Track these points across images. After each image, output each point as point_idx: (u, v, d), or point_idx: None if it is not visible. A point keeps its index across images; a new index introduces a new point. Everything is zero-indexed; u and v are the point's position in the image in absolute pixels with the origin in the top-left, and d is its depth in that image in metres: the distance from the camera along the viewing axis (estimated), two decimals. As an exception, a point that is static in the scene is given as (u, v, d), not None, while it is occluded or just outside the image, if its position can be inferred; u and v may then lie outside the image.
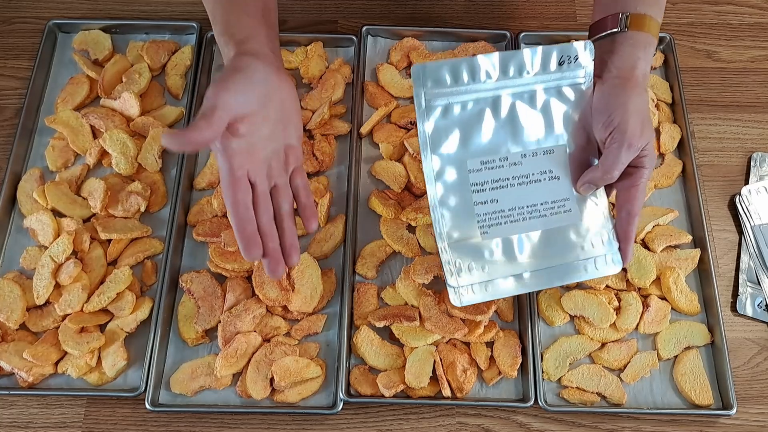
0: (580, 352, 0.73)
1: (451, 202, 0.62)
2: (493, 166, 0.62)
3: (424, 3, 0.94)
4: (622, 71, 0.62)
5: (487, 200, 0.62)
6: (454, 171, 0.62)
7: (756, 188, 0.81)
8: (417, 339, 0.71)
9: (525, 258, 0.62)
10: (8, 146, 0.81)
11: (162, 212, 0.79)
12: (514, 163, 0.62)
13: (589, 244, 0.63)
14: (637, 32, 0.63)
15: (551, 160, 0.63)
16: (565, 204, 0.62)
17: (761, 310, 0.76)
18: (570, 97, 0.63)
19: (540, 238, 0.62)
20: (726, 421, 0.71)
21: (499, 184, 0.62)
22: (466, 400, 0.70)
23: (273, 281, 0.72)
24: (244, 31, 0.62)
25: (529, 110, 0.62)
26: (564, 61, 0.62)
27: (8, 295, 0.72)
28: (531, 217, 0.62)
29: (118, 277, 0.73)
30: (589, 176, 0.62)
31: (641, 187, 0.62)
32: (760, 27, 0.93)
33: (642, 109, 0.60)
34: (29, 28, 0.91)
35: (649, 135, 0.61)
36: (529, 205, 0.62)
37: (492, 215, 0.62)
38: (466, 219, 0.62)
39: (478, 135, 0.62)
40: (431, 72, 0.60)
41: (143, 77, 0.84)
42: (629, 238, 0.63)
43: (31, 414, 0.70)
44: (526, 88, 0.62)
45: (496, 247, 0.62)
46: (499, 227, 0.62)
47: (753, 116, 0.87)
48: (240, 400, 0.71)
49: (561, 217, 0.63)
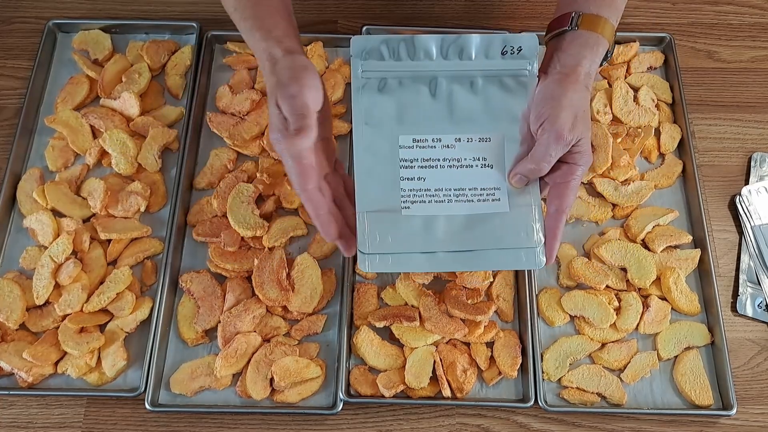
0: (580, 353, 0.73)
1: (376, 173, 0.61)
2: (425, 145, 0.62)
3: (424, 3, 0.94)
4: (565, 68, 0.62)
5: (414, 177, 0.62)
6: (384, 144, 0.62)
7: (756, 188, 0.81)
8: (417, 339, 0.71)
9: (442, 238, 0.61)
10: (8, 146, 0.81)
11: (162, 212, 0.79)
12: (447, 146, 0.62)
13: (514, 236, 0.61)
14: (586, 32, 0.63)
15: (486, 148, 0.62)
16: (495, 193, 0.62)
17: (761, 311, 0.76)
18: (512, 87, 0.62)
19: (462, 222, 0.61)
20: (726, 422, 0.71)
21: (429, 163, 0.62)
22: (466, 400, 0.70)
23: (273, 282, 0.72)
24: (280, 29, 0.62)
25: (467, 95, 0.62)
26: (507, 51, 0.62)
27: (8, 295, 0.72)
28: (457, 200, 0.61)
29: (117, 277, 0.73)
30: (519, 167, 0.61)
31: (572, 184, 0.61)
32: (760, 27, 0.93)
33: (577, 104, 0.60)
34: (29, 28, 0.91)
35: (582, 131, 0.60)
36: (457, 188, 0.62)
37: (417, 192, 0.61)
38: (390, 192, 0.61)
39: (413, 113, 0.62)
40: (369, 45, 0.61)
41: (143, 77, 0.84)
42: (556, 236, 0.61)
43: (31, 414, 0.70)
44: (466, 73, 0.62)
45: (414, 223, 0.61)
46: (422, 204, 0.61)
47: (753, 116, 0.87)
48: (240, 401, 0.71)
49: (488, 205, 0.61)
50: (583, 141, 0.60)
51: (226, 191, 0.77)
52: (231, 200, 0.76)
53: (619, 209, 0.79)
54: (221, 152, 0.82)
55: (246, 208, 0.76)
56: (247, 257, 0.75)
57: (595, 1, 0.64)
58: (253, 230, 0.75)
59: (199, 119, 0.84)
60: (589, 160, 0.61)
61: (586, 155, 0.61)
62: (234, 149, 0.82)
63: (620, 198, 0.79)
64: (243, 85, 0.85)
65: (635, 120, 0.83)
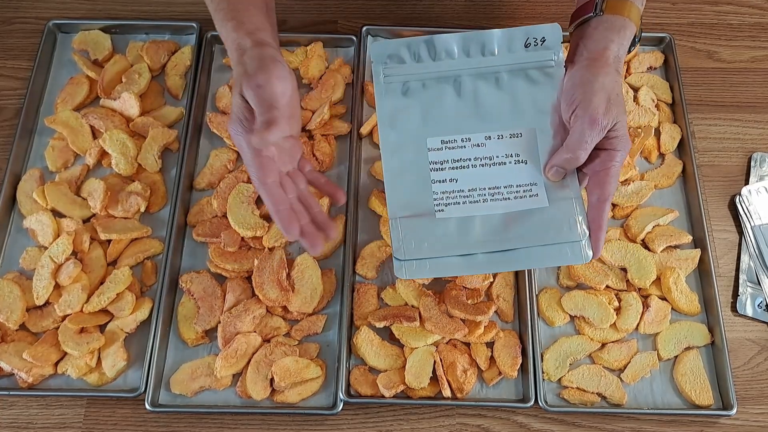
0: (581, 353, 0.73)
1: (407, 177, 0.61)
2: (455, 146, 0.61)
3: (424, 3, 0.94)
4: (592, 53, 0.60)
5: (446, 179, 0.60)
6: (412, 148, 0.61)
7: (756, 188, 0.81)
8: (417, 339, 0.71)
9: (480, 239, 0.59)
10: (8, 146, 0.81)
11: (162, 212, 0.79)
12: (477, 144, 0.61)
13: (556, 231, 0.59)
14: (612, 16, 0.61)
15: (519, 144, 0.60)
16: (532, 189, 0.60)
17: (761, 310, 0.76)
18: (539, 80, 0.61)
19: (500, 221, 0.59)
20: (726, 422, 0.71)
21: (460, 164, 0.60)
22: (466, 400, 0.70)
23: (273, 282, 0.72)
24: (254, 22, 0.61)
25: (493, 91, 0.61)
26: (530, 44, 0.60)
27: (8, 295, 0.72)
28: (492, 199, 0.60)
29: (117, 277, 0.73)
30: (555, 159, 0.59)
31: (613, 171, 0.58)
32: (760, 27, 0.93)
33: (609, 87, 0.58)
34: (29, 29, 0.91)
35: (617, 114, 0.58)
36: (492, 187, 0.60)
37: (450, 194, 0.60)
38: (422, 195, 0.60)
39: (439, 114, 0.61)
40: (390, 49, 0.61)
41: (143, 77, 0.84)
42: (601, 227, 0.58)
43: (31, 414, 0.70)
44: (490, 69, 0.61)
45: (450, 226, 0.59)
46: (456, 206, 0.60)
47: (753, 116, 0.87)
48: (240, 401, 0.71)
49: (526, 201, 0.60)
50: (619, 125, 0.58)
51: (226, 191, 0.77)
52: (231, 200, 0.76)
53: (619, 209, 0.79)
54: (221, 152, 0.82)
55: (246, 208, 0.76)
56: (247, 257, 0.75)
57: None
58: (253, 230, 0.75)
59: (199, 119, 0.84)
60: (628, 144, 0.59)
61: (623, 140, 0.59)
62: (234, 149, 0.82)
63: (620, 198, 0.79)
64: (243, 85, 0.85)
65: (635, 120, 0.83)
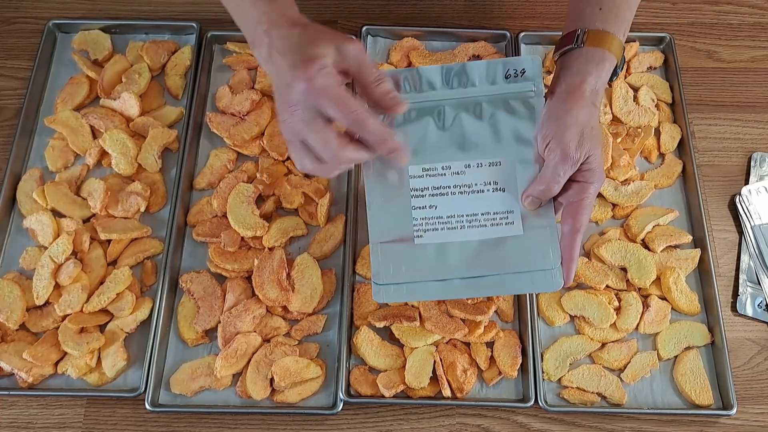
0: (581, 353, 0.73)
1: (389, 204, 0.62)
2: (435, 173, 0.62)
3: (424, 3, 0.94)
4: (570, 86, 0.61)
5: (426, 206, 0.62)
6: (395, 176, 0.62)
7: (756, 188, 0.81)
8: (417, 339, 0.71)
9: (457, 265, 0.61)
10: (8, 146, 0.81)
11: (162, 212, 0.79)
12: (456, 172, 0.62)
13: (529, 259, 0.60)
14: (592, 48, 0.62)
15: (497, 172, 0.62)
16: (508, 216, 0.61)
17: (761, 310, 0.76)
18: (519, 110, 0.62)
19: (476, 247, 0.61)
20: (726, 421, 0.71)
21: (440, 191, 0.62)
22: (466, 400, 0.70)
23: (273, 282, 0.72)
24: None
25: (474, 122, 0.62)
26: (510, 75, 0.62)
27: (8, 295, 0.72)
28: (470, 226, 0.61)
29: (117, 277, 0.73)
30: (530, 189, 0.60)
31: (586, 203, 0.60)
32: (760, 27, 0.93)
33: (582, 121, 0.59)
34: (29, 28, 0.91)
35: (590, 148, 0.59)
36: (470, 214, 0.61)
37: (429, 220, 0.62)
38: (403, 221, 0.62)
39: (422, 142, 0.62)
40: None
41: (143, 77, 0.84)
42: (573, 257, 0.60)
43: (31, 414, 0.70)
44: (471, 100, 0.62)
45: (428, 251, 0.61)
46: (435, 232, 0.61)
47: (753, 116, 0.87)
48: (240, 401, 0.71)
49: (502, 229, 0.61)
50: (592, 158, 0.60)
51: (226, 191, 0.77)
52: (231, 200, 0.76)
53: (619, 209, 0.79)
54: (221, 152, 0.82)
55: (246, 208, 0.76)
56: (247, 257, 0.75)
57: (600, 16, 0.63)
58: (253, 230, 0.75)
59: (199, 119, 0.84)
60: (602, 177, 0.60)
61: (597, 173, 0.60)
62: (234, 149, 0.82)
63: (620, 198, 0.79)
64: (243, 85, 0.85)
65: (635, 120, 0.83)
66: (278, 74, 0.54)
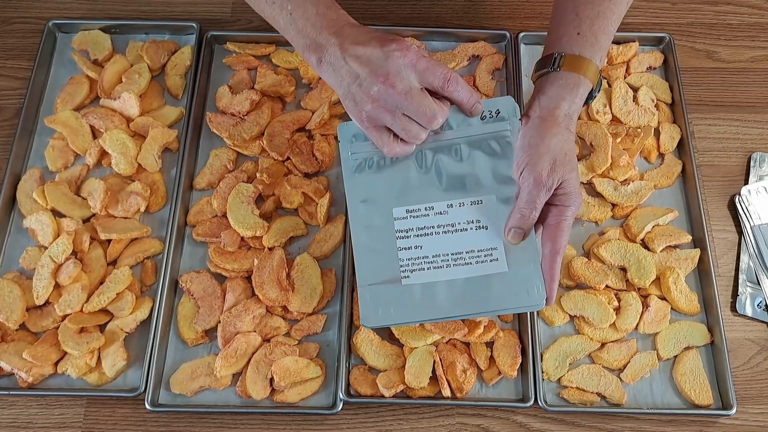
0: (580, 352, 0.73)
1: (375, 246, 0.63)
2: (419, 214, 0.64)
3: (424, 3, 0.94)
4: (544, 111, 0.63)
5: (411, 246, 0.63)
6: (380, 218, 0.64)
7: (756, 188, 0.81)
8: (417, 339, 0.71)
9: (445, 303, 0.61)
10: (8, 146, 0.81)
11: (162, 212, 0.79)
12: (440, 212, 0.63)
13: (515, 296, 0.61)
14: (568, 73, 0.63)
15: (479, 210, 0.63)
16: (492, 253, 0.62)
17: (761, 310, 0.76)
18: (496, 149, 0.64)
19: (462, 286, 0.62)
20: (726, 421, 0.71)
21: (424, 231, 0.63)
22: (465, 400, 0.70)
23: (273, 281, 0.72)
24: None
25: (453, 163, 0.64)
26: (486, 116, 0.64)
27: (8, 295, 0.72)
28: (455, 264, 0.62)
29: (117, 277, 0.73)
30: (511, 221, 0.62)
31: (563, 225, 0.61)
32: (759, 27, 0.94)
33: (555, 149, 0.61)
34: (29, 28, 0.91)
35: (564, 173, 0.61)
36: (454, 252, 0.62)
37: (415, 260, 0.63)
38: (389, 263, 0.63)
39: (404, 185, 0.64)
40: (355, 129, 0.64)
41: (143, 77, 0.84)
42: (553, 277, 0.61)
43: (31, 414, 0.70)
44: (449, 142, 0.64)
45: (415, 292, 0.62)
46: (421, 272, 0.62)
47: (753, 116, 0.88)
48: (240, 401, 0.71)
49: (487, 266, 0.62)
50: (566, 183, 0.61)
51: (226, 191, 0.77)
52: (231, 200, 0.76)
53: (619, 209, 0.80)
54: (221, 152, 0.82)
55: (246, 208, 0.76)
56: (247, 257, 0.75)
57: (578, 42, 0.65)
58: (253, 230, 0.75)
59: (199, 119, 0.84)
60: (578, 199, 0.62)
61: (573, 196, 0.62)
62: (234, 149, 0.82)
63: (620, 198, 0.79)
64: (243, 85, 0.85)
65: (635, 120, 0.83)
66: (365, 61, 0.57)
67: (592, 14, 0.65)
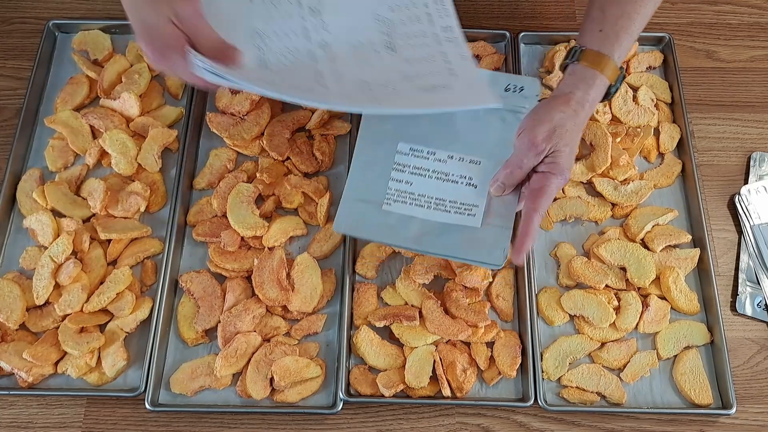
0: (580, 352, 0.73)
1: (371, 168, 0.69)
2: (420, 155, 0.69)
3: (424, 3, 0.94)
4: (558, 92, 0.66)
5: (403, 180, 0.68)
6: (384, 146, 0.69)
7: (755, 188, 0.81)
8: (417, 339, 0.71)
9: (413, 236, 0.66)
10: (8, 146, 0.81)
11: (162, 212, 0.79)
12: (439, 160, 0.69)
13: (478, 250, 0.65)
14: (585, 68, 0.66)
15: (475, 169, 0.68)
16: (472, 209, 0.67)
17: (761, 310, 0.76)
18: (509, 120, 0.68)
19: (434, 227, 0.66)
20: (726, 421, 0.71)
21: (419, 171, 0.69)
22: (465, 399, 0.70)
23: (273, 281, 0.72)
24: None
25: (468, 121, 0.69)
26: (510, 89, 0.69)
27: (8, 295, 0.72)
28: (435, 209, 0.67)
29: (117, 277, 0.73)
30: (497, 174, 0.66)
31: (547, 191, 0.63)
32: (759, 27, 0.94)
33: (557, 121, 0.63)
34: (29, 29, 0.91)
35: (558, 144, 0.62)
36: (438, 198, 0.67)
37: (401, 193, 0.68)
38: (378, 188, 0.68)
39: (416, 126, 0.69)
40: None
41: (143, 77, 0.84)
42: (527, 233, 0.62)
43: (31, 414, 0.70)
44: None
45: (391, 218, 0.67)
46: (402, 204, 0.67)
47: (753, 116, 0.88)
48: (240, 400, 0.71)
49: (463, 218, 0.66)
50: (558, 153, 0.63)
51: (226, 191, 0.77)
52: (231, 200, 0.76)
53: (619, 209, 0.80)
54: (221, 152, 0.82)
55: (246, 208, 0.76)
56: (247, 257, 0.75)
57: (598, 38, 0.67)
58: (253, 230, 0.75)
59: (199, 119, 0.84)
60: (566, 175, 0.63)
61: (561, 167, 0.63)
62: (234, 149, 0.82)
63: (620, 197, 0.79)
64: (243, 85, 0.85)
65: (634, 119, 0.83)
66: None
67: (617, 13, 0.67)
